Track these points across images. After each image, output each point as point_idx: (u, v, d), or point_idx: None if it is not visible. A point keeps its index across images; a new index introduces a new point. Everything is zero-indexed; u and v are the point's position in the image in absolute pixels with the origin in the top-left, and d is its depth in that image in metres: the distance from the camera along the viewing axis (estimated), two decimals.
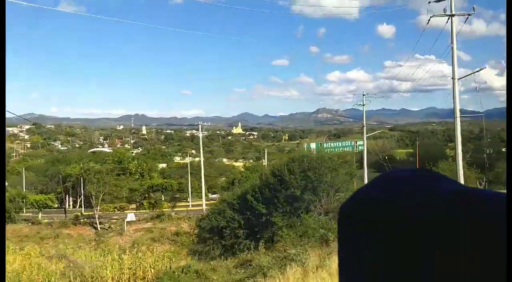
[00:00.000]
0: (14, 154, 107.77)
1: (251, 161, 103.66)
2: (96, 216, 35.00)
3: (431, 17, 18.54)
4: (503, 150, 79.29)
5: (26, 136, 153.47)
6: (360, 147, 39.66)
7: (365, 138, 36.89)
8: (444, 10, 18.33)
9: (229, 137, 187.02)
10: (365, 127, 36.83)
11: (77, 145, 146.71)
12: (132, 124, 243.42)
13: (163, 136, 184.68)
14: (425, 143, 68.32)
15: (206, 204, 37.96)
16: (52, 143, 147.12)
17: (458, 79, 16.50)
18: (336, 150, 38.40)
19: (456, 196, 0.40)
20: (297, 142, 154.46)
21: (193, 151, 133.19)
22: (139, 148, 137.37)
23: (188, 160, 78.78)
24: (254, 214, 18.06)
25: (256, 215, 17.79)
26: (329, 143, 40.92)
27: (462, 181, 16.20)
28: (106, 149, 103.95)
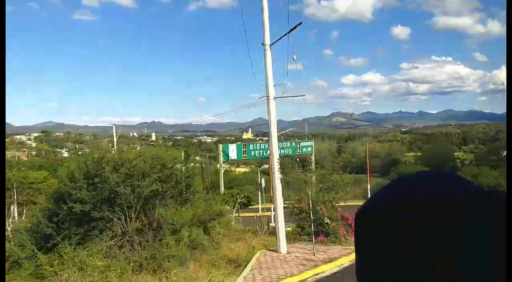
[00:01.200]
0: (15, 161, 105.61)
1: (252, 166, 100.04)
2: None
3: None
4: None
5: (34, 144, 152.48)
6: (305, 149, 33.43)
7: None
8: None
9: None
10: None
11: (79, 152, 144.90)
12: (145, 131, 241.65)
13: (170, 142, 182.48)
14: (432, 146, 63.08)
15: None
16: (59, 150, 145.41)
17: (271, 44, 12.90)
18: (265, 153, 32.12)
19: (471, 197, 0.39)
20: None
21: (197, 157, 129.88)
22: None
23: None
24: (43, 236, 12.84)
25: (45, 237, 12.60)
26: (257, 145, 33.66)
27: (278, 190, 13.17)
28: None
